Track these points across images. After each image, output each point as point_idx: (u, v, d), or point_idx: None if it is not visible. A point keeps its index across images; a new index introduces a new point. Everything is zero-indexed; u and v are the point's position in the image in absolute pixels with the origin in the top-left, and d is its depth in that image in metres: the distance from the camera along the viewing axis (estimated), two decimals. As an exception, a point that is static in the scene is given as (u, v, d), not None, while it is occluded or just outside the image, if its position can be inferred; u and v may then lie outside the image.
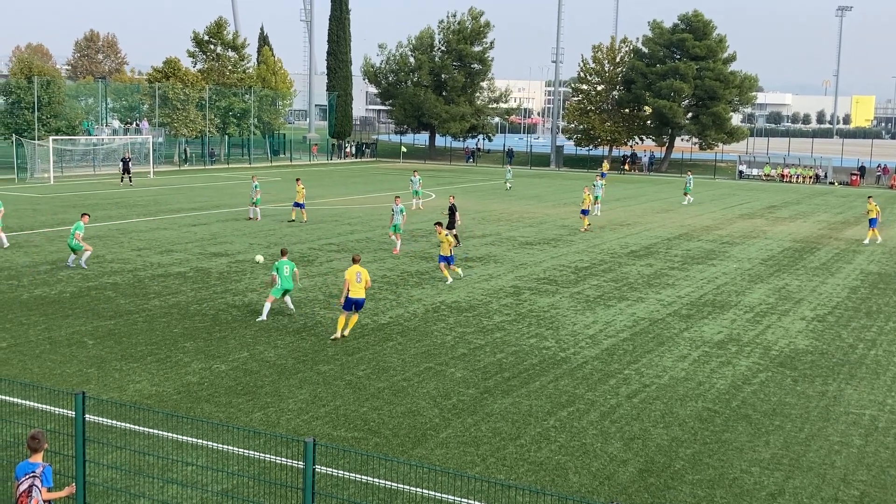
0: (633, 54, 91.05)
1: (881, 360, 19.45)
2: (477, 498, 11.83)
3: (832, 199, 62.88)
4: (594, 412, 15.54)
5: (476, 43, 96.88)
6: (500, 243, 35.64)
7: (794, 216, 50.22)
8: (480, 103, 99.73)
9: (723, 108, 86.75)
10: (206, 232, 36.38)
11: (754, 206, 56.11)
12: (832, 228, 44.48)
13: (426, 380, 17.09)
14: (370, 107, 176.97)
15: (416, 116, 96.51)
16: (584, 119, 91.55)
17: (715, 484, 12.66)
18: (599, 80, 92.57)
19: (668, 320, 22.82)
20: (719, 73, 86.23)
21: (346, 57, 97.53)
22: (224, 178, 66.50)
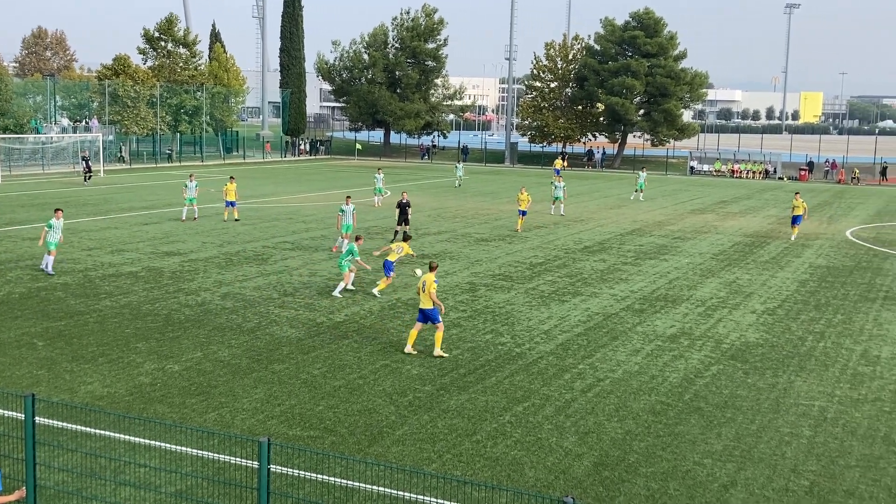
0: (585, 52, 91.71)
1: (829, 353, 19.82)
2: (433, 494, 11.85)
3: (781, 195, 63.88)
4: (549, 407, 15.65)
5: (430, 40, 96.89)
6: (455, 240, 35.70)
7: (745, 211, 50.95)
8: (435, 100, 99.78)
9: (674, 104, 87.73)
10: (157, 231, 35.95)
11: (705, 201, 56.83)
12: (781, 223, 45.19)
13: (382, 377, 17.08)
14: (324, 104, 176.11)
15: (370, 113, 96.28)
16: (537, 116, 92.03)
17: (668, 476, 12.82)
18: (553, 78, 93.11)
19: (622, 315, 23.04)
20: (670, 70, 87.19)
21: (299, 54, 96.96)
22: (176, 176, 65.75)
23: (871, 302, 25.49)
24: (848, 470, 13.20)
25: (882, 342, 20.88)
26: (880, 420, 15.41)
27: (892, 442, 14.36)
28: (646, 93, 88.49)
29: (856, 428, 14.99)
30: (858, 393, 16.92)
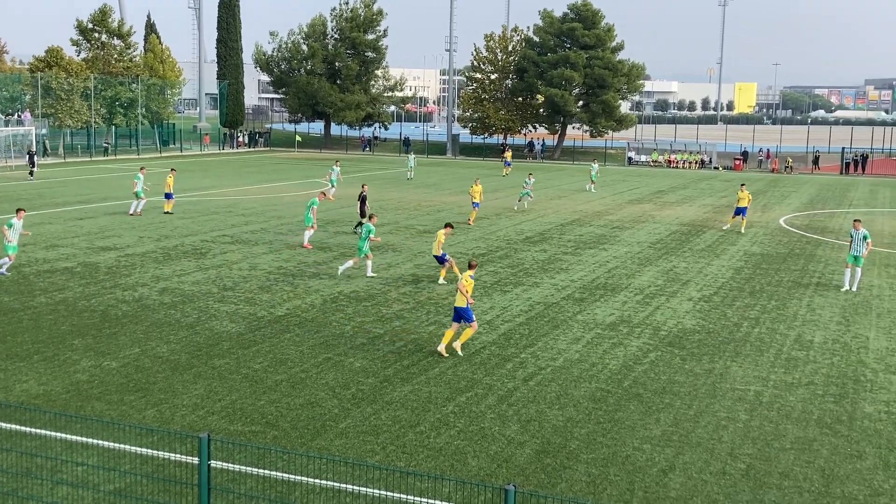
0: (524, 43, 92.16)
1: (764, 338, 20.26)
2: (377, 486, 11.87)
3: (717, 184, 65.00)
4: (492, 396, 15.75)
5: (369, 31, 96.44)
6: (398, 232, 35.67)
7: (681, 201, 51.74)
8: (376, 92, 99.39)
9: (612, 95, 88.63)
10: (93, 225, 35.29)
11: (643, 191, 57.58)
12: (717, 212, 46.01)
13: (325, 371, 17.02)
14: (263, 95, 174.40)
15: (310, 105, 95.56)
16: (478, 107, 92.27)
17: (609, 462, 13.01)
18: (493, 69, 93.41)
19: (563, 304, 23.26)
20: (608, 62, 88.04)
21: (236, 45, 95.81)
22: (111, 170, 64.57)
23: (804, 288, 26.09)
24: (783, 452, 13.53)
25: (815, 327, 21.40)
26: (813, 403, 15.81)
27: (825, 424, 14.75)
28: (584, 84, 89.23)
29: (790, 411, 15.36)
30: (792, 377, 17.33)
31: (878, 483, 12.49)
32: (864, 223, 42.19)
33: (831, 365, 18.21)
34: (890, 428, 14.63)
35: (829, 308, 23.45)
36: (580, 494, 11.93)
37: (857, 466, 13.05)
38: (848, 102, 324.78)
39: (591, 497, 11.86)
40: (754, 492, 12.14)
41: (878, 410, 15.49)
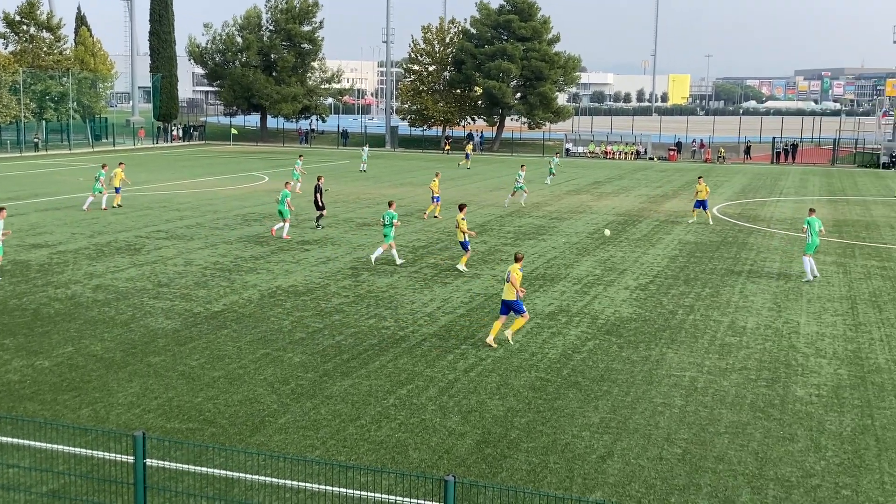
0: (462, 35, 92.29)
1: (699, 325, 20.62)
2: (317, 481, 11.81)
3: (652, 174, 65.92)
4: (433, 388, 15.78)
5: (305, 22, 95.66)
6: (336, 225, 35.48)
7: (618, 191, 52.36)
8: (312, 84, 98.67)
9: (549, 87, 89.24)
10: (23, 222, 34.45)
11: (580, 182, 58.13)
12: (652, 202, 46.68)
13: (263, 366, 16.87)
14: (197, 88, 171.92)
15: (245, 97, 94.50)
16: (417, 99, 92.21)
17: (549, 450, 13.13)
18: (431, 61, 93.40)
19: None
20: (545, 54, 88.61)
21: (169, 37, 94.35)
22: (42, 165, 63.10)
23: (736, 275, 26.61)
24: (718, 437, 13.79)
25: (748, 313, 21.85)
26: (747, 388, 16.14)
27: (758, 409, 15.07)
28: (522, 76, 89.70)
29: (724, 396, 15.66)
30: (726, 363, 17.67)
31: (810, 465, 12.81)
32: (795, 210, 43.22)
33: (764, 350, 18.62)
34: (820, 410, 15.01)
35: (761, 295, 23.95)
36: (521, 483, 12.02)
37: (790, 449, 13.36)
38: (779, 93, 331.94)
39: (532, 485, 11.96)
40: (690, 476, 12.36)
41: (809, 394, 15.88)
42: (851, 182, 62.18)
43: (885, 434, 13.97)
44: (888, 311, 22.36)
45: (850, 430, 14.16)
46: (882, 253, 31.18)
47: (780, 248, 31.82)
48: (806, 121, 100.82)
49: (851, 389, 16.14)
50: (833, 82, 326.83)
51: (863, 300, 23.50)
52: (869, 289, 24.96)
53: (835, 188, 57.12)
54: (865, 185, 60.19)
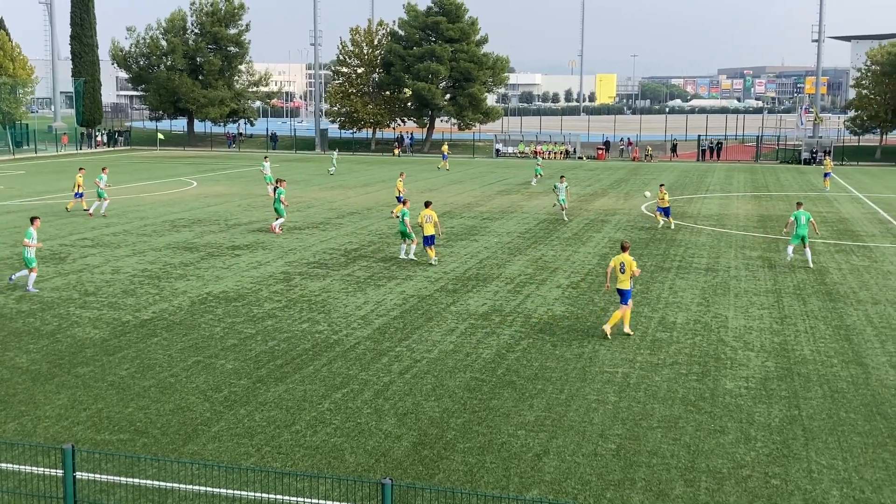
0: (390, 37, 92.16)
1: (630, 321, 20.87)
2: (253, 489, 11.67)
3: (581, 173, 66.67)
4: (368, 391, 15.71)
5: (231, 25, 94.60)
6: (267, 230, 35.11)
7: (547, 191, 52.75)
8: (240, 87, 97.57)
9: (478, 88, 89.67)
10: (-59, 233, 33.35)
11: (511, 182, 58.51)
12: (582, 200, 47.21)
13: (195, 374, 16.61)
14: (122, 92, 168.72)
15: (171, 102, 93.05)
16: (346, 102, 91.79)
17: (485, 450, 13.17)
18: (359, 63, 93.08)
19: (436, 296, 23.40)
20: (473, 55, 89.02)
21: (91, 41, 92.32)
22: (-41, 173, 61.19)
23: (666, 272, 27.06)
24: (651, 431, 14.00)
25: (677, 309, 22.23)
26: (678, 382, 16.42)
27: (689, 402, 15.34)
28: (451, 77, 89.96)
29: (656, 391, 15.91)
30: (658, 358, 17.95)
31: (741, 456, 13.08)
32: (721, 206, 44.14)
33: (693, 344, 18.96)
34: (749, 402, 15.34)
35: (689, 290, 24.39)
36: (457, 484, 12.04)
37: (721, 441, 13.63)
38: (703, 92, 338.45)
39: (469, 485, 11.99)
40: (625, 471, 12.52)
41: (738, 386, 16.22)
42: (774, 178, 63.73)
43: (812, 424, 14.35)
44: (812, 303, 22.96)
45: (779, 420, 14.50)
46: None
47: (708, 244, 32.45)
48: (730, 119, 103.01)
49: (779, 381, 16.53)
50: (755, 80, 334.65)
51: (788, 293, 24.10)
52: (793, 282, 25.61)
53: (759, 184, 58.48)
54: (788, 180, 61.76)
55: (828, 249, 31.34)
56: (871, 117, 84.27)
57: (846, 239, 34.00)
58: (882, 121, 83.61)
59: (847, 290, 24.48)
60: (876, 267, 28.00)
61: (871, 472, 12.49)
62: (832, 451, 13.21)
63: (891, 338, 19.56)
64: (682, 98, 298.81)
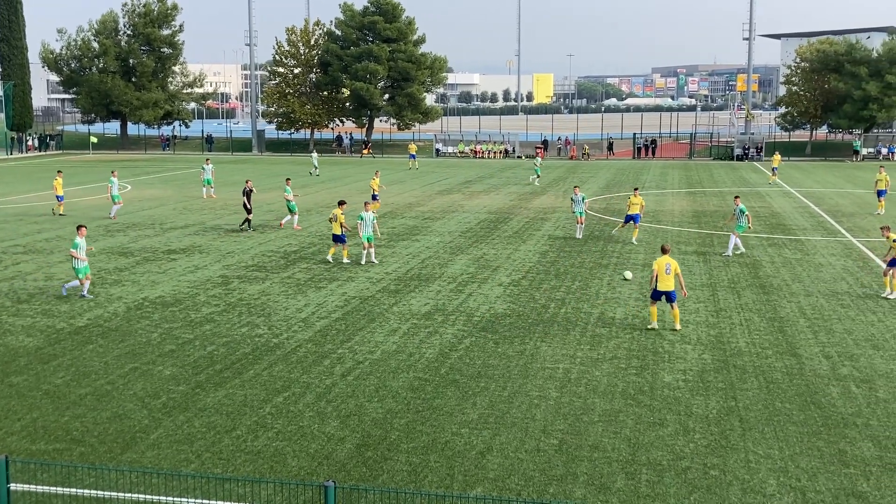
0: (327, 37, 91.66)
1: (570, 317, 21.10)
2: (194, 495, 11.51)
3: (521, 172, 67.07)
4: (310, 394, 15.61)
5: (164, 26, 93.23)
6: (204, 233, 34.67)
7: (488, 190, 53.05)
8: (174, 89, 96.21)
9: (416, 88, 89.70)
10: None
11: (451, 182, 58.63)
12: (521, 199, 47.51)
13: (132, 381, 16.32)
14: (53, 96, 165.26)
15: (104, 104, 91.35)
16: (283, 102, 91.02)
17: (429, 449, 13.18)
18: (296, 63, 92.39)
19: (378, 297, 23.34)
20: (411, 55, 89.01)
21: (20, 43, 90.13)
22: None
23: (604, 268, 27.36)
24: (592, 425, 14.14)
25: (616, 304, 22.49)
26: (618, 377, 16.61)
27: (629, 396, 15.53)
28: (389, 77, 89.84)
29: (597, 385, 16.08)
30: (597, 353, 18.15)
31: (680, 448, 13.28)
32: (656, 203, 44.78)
33: (632, 339, 19.21)
34: (687, 395, 15.59)
35: (627, 286, 24.68)
36: (402, 484, 12.02)
37: (660, 433, 13.82)
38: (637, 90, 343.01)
39: (413, 485, 11.98)
40: (567, 465, 12.63)
41: (676, 379, 16.47)
42: (708, 174, 64.86)
43: (748, 414, 14.63)
44: (746, 296, 23.42)
45: (716, 412, 14.76)
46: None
47: (645, 240, 32.88)
48: (664, 117, 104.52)
49: (715, 373, 16.83)
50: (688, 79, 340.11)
51: (722, 287, 24.54)
52: (728, 276, 26.08)
53: (693, 180, 59.45)
54: (721, 176, 62.89)
55: (761, 243, 31.99)
56: (801, 113, 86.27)
57: (778, 233, 34.75)
58: (812, 117, 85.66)
59: (780, 283, 25.03)
60: (808, 259, 28.67)
61: (807, 461, 12.78)
62: (769, 441, 13.49)
63: (823, 328, 20.05)
64: (618, 97, 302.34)
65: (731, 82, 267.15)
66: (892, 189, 45.94)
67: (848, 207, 42.77)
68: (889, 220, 33.87)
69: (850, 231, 34.87)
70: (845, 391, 15.78)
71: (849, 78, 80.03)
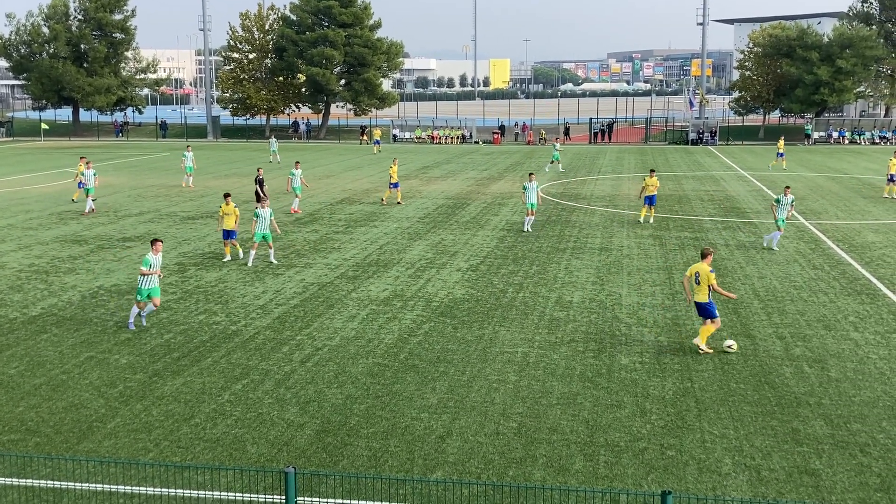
0: (282, 22, 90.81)
1: (528, 302, 21.23)
2: (152, 484, 11.44)
3: (478, 157, 67.17)
4: (269, 381, 15.56)
5: (116, 11, 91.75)
6: (159, 220, 34.29)
7: (446, 175, 53.06)
8: (127, 74, 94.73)
9: (373, 74, 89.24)
10: None
11: (409, 167, 58.52)
12: (479, 184, 47.60)
13: (88, 370, 16.14)
14: (2, 82, 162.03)
15: (55, 90, 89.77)
16: (238, 88, 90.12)
17: (388, 434, 13.21)
18: (251, 49, 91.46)
19: (337, 283, 23.29)
20: (367, 40, 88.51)
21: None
22: None
23: (561, 252, 27.54)
24: (550, 408, 14.27)
25: (573, 288, 22.67)
26: (576, 360, 16.77)
27: (587, 379, 15.69)
28: (345, 63, 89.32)
29: (555, 369, 16.21)
30: (555, 336, 18.29)
31: (637, 429, 13.46)
32: (613, 188, 45.12)
33: (590, 322, 19.38)
34: (644, 377, 15.78)
35: (584, 270, 24.89)
36: (362, 469, 12.05)
37: (618, 415, 13.99)
38: (593, 75, 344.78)
39: (373, 470, 12.01)
40: (526, 448, 12.74)
41: (633, 361, 16.66)
42: (664, 158, 65.46)
43: (704, 395, 14.86)
44: (701, 279, 23.70)
45: (672, 393, 14.97)
46: (693, 224, 33.02)
47: (601, 224, 33.14)
48: (620, 101, 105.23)
49: (671, 355, 17.06)
50: (643, 64, 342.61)
51: (678, 270, 24.83)
52: (683, 259, 26.40)
53: (648, 165, 59.92)
54: (676, 160, 63.51)
55: (715, 226, 32.39)
56: (754, 98, 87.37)
57: (732, 216, 35.21)
58: (764, 101, 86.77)
59: (734, 266, 25.39)
60: (761, 243, 29.09)
61: (761, 440, 13.02)
62: (724, 421, 13.72)
63: (776, 310, 20.39)
64: (574, 82, 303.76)
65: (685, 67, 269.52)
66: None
67: (800, 191, 43.44)
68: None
69: (802, 214, 35.43)
70: (798, 371, 16.08)
71: (800, 63, 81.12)
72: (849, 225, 32.88)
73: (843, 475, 11.89)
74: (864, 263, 25.55)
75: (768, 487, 11.57)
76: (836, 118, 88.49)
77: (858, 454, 12.51)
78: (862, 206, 37.71)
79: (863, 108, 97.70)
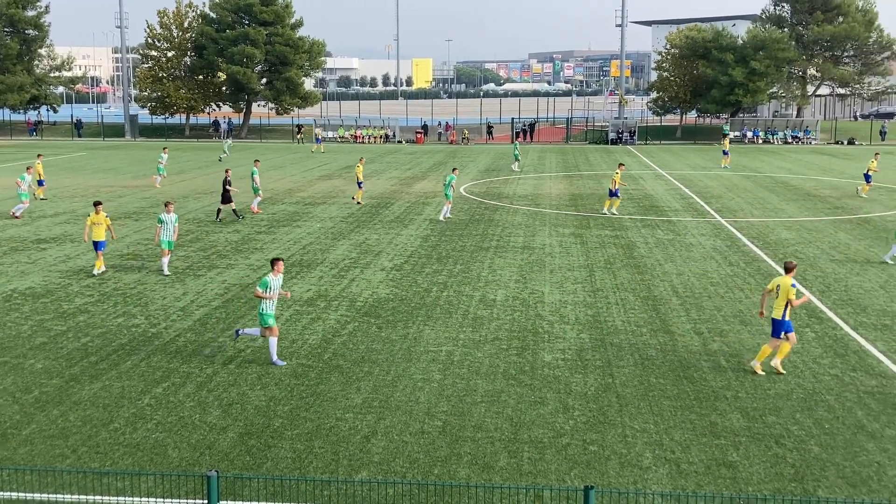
0: (201, 20, 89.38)
1: (452, 300, 21.33)
2: (70, 491, 11.17)
3: (401, 157, 67.15)
4: (190, 384, 15.32)
5: (29, 7, 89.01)
6: (75, 221, 33.45)
7: (369, 175, 52.86)
8: (41, 72, 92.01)
9: (295, 72, 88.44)
10: None
11: (332, 167, 58.21)
12: (403, 184, 47.60)
13: (2, 375, 15.67)
14: None
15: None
16: (157, 86, 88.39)
17: (313, 435, 13.14)
18: (169, 47, 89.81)
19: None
20: (288, 39, 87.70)
21: None
22: None
23: (485, 251, 27.73)
24: (475, 406, 14.36)
25: (497, 287, 22.85)
26: (499, 357, 16.91)
27: (510, 376, 15.83)
28: (266, 61, 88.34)
29: (479, 367, 16.32)
30: (479, 335, 18.41)
31: (560, 425, 13.64)
32: (535, 187, 45.56)
33: (513, 320, 19.56)
34: (567, 374, 15.99)
35: (507, 268, 25.11)
36: (286, 471, 11.96)
37: (541, 412, 14.16)
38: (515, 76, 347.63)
39: (298, 472, 11.93)
40: (451, 446, 12.80)
41: (556, 358, 16.88)
42: (584, 158, 66.36)
43: (625, 391, 15.13)
44: (622, 276, 24.14)
45: (594, 389, 15.20)
46: (614, 223, 33.56)
47: (524, 223, 33.46)
48: (541, 101, 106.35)
49: (593, 351, 17.32)
50: (564, 64, 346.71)
51: (599, 267, 25.23)
52: (604, 257, 26.82)
53: (570, 164, 60.74)
54: (597, 160, 64.45)
55: (635, 224, 32.99)
56: (671, 98, 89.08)
57: (651, 214, 35.90)
58: (681, 101, 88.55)
59: (654, 263, 25.90)
60: (679, 240, 29.73)
61: (680, 434, 13.32)
62: (644, 416, 13.99)
63: (694, 306, 20.87)
64: (496, 82, 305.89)
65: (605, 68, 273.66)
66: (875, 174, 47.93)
67: (716, 189, 44.51)
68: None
69: (718, 212, 36.32)
70: (716, 365, 16.49)
71: (716, 64, 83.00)
72: (763, 222, 33.83)
73: (759, 466, 12.24)
74: (777, 260, 26.32)
75: (688, 480, 11.85)
76: (751, 118, 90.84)
77: (774, 445, 12.89)
78: (776, 204, 38.82)
79: (776, 108, 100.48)
